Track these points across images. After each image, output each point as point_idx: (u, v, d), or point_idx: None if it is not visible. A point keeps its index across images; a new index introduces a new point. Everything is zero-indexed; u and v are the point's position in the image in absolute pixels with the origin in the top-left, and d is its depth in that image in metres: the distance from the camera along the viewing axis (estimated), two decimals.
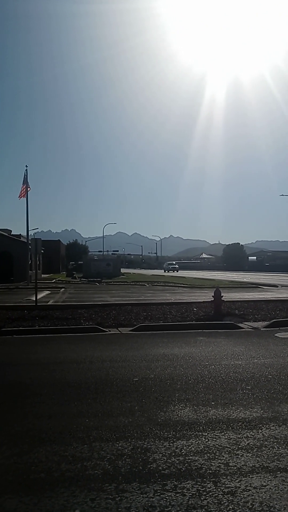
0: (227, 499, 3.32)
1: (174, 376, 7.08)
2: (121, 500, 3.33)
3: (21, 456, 4.16)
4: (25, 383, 6.90)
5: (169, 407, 5.56)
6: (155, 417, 5.18)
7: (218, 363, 8.02)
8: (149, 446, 4.35)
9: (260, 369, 7.52)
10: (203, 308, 16.28)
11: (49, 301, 21.04)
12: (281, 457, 4.06)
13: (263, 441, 4.45)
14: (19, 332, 12.07)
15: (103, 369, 7.68)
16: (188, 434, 4.66)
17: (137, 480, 3.64)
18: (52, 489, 3.52)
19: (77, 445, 4.41)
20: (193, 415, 5.26)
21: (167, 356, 8.65)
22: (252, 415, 5.23)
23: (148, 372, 7.40)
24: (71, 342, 10.66)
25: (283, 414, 5.23)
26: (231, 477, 3.68)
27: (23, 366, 8.21)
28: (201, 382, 6.72)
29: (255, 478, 3.66)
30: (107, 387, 6.49)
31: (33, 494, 3.46)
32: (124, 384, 6.65)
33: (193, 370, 7.50)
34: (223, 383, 6.67)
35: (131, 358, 8.56)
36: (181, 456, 4.11)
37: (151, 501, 3.31)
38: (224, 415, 5.24)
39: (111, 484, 3.59)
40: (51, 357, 8.82)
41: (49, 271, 68.39)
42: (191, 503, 3.27)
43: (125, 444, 4.41)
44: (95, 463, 3.99)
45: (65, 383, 6.78)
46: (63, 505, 3.29)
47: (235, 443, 4.40)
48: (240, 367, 7.65)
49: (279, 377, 6.95)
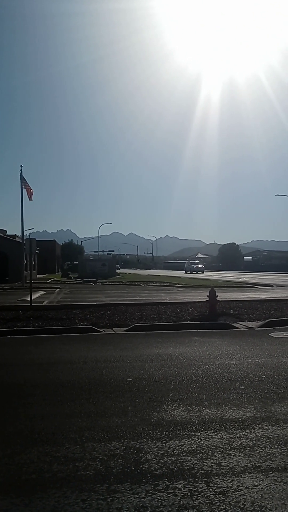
0: (218, 499, 3.32)
1: (168, 376, 7.07)
2: (112, 500, 3.32)
3: (12, 457, 4.14)
4: (18, 383, 6.88)
5: (163, 407, 5.55)
6: (148, 417, 5.17)
7: (212, 363, 8.02)
8: (142, 446, 4.34)
9: (254, 368, 7.52)
10: (198, 308, 16.29)
11: (44, 301, 20.99)
12: (274, 457, 4.06)
13: (255, 440, 4.45)
14: (14, 332, 12.03)
15: (97, 369, 7.66)
16: (181, 434, 4.65)
17: (129, 481, 3.63)
18: (44, 490, 3.51)
19: (69, 446, 4.39)
20: (186, 415, 5.25)
21: (161, 356, 8.65)
22: (245, 414, 5.23)
23: (142, 372, 7.39)
24: (66, 343, 10.63)
25: (276, 414, 5.24)
26: (223, 477, 3.68)
27: (17, 366, 8.18)
28: (195, 382, 6.71)
29: (247, 478, 3.66)
30: (101, 387, 6.48)
31: (24, 495, 3.44)
32: (117, 384, 6.64)
33: (187, 370, 7.50)
34: (217, 383, 6.67)
35: (125, 358, 8.54)
36: (174, 456, 4.10)
37: (142, 501, 3.30)
38: (217, 415, 5.24)
39: (102, 484, 3.58)
40: (45, 358, 8.79)
41: (45, 271, 68.26)
42: (183, 503, 3.26)
43: (117, 445, 4.39)
44: (87, 464, 3.97)
45: (59, 384, 6.76)
46: (54, 506, 3.27)
47: (228, 443, 4.40)
48: (234, 367, 7.65)
49: (273, 377, 6.95)
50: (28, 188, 37.92)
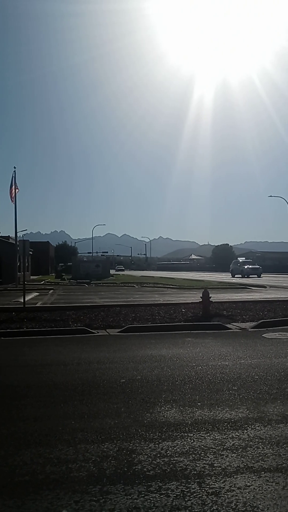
0: (211, 499, 3.33)
1: (161, 377, 7.08)
2: (105, 502, 3.33)
3: (5, 459, 4.14)
4: (11, 385, 6.86)
5: (155, 408, 5.56)
6: (141, 419, 5.18)
7: (205, 364, 8.04)
8: (135, 448, 4.35)
9: (246, 369, 7.55)
10: (191, 309, 16.32)
11: (38, 302, 20.95)
12: (266, 457, 4.08)
13: (248, 441, 4.47)
14: (7, 334, 12.00)
15: (90, 370, 7.66)
16: (174, 435, 4.67)
17: (121, 482, 3.63)
18: (37, 492, 3.51)
19: (62, 447, 4.39)
20: (179, 416, 5.27)
21: (154, 358, 8.66)
22: (237, 415, 5.25)
23: (135, 373, 7.40)
24: (59, 344, 10.62)
25: (269, 415, 5.27)
26: (216, 477, 3.69)
27: (10, 368, 8.16)
28: (188, 383, 6.73)
29: (239, 478, 3.68)
30: (94, 389, 6.48)
31: (17, 496, 3.44)
32: (110, 386, 6.64)
33: (180, 371, 7.52)
34: (210, 384, 6.69)
35: (119, 359, 8.55)
36: (166, 457, 4.12)
37: (135, 502, 3.31)
38: (210, 415, 5.26)
39: (95, 486, 3.58)
40: (39, 359, 8.78)
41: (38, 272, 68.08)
42: (175, 504, 3.28)
43: (110, 446, 4.40)
44: (80, 465, 3.98)
45: (52, 385, 6.76)
46: (47, 507, 3.27)
47: (220, 443, 4.42)
48: (227, 368, 7.68)
49: (265, 378, 6.98)
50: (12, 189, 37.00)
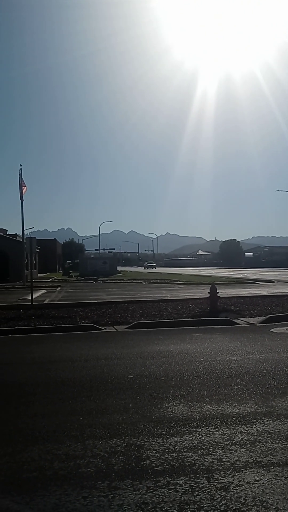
0: (220, 494, 3.31)
1: (169, 373, 7.07)
2: (113, 497, 3.32)
3: (13, 456, 4.14)
4: (19, 382, 6.88)
5: (164, 403, 5.55)
6: (149, 414, 5.17)
7: (213, 359, 8.01)
8: (143, 443, 4.33)
9: (255, 364, 7.51)
10: (199, 305, 16.28)
11: (45, 300, 21.01)
12: (275, 452, 4.05)
13: (257, 436, 4.44)
14: (15, 331, 12.03)
15: (98, 367, 7.66)
16: (182, 430, 4.65)
17: (130, 477, 3.62)
18: (45, 488, 3.51)
19: (70, 443, 4.39)
20: (187, 411, 5.24)
21: (162, 353, 8.64)
22: (246, 410, 5.22)
23: (143, 369, 7.39)
24: (67, 341, 10.63)
25: (277, 409, 5.23)
26: (224, 472, 3.67)
27: (18, 365, 8.18)
28: (196, 378, 6.71)
29: (248, 473, 3.65)
30: (102, 385, 6.48)
31: (25, 493, 3.44)
32: (118, 382, 6.63)
33: (188, 366, 7.49)
34: (218, 379, 6.67)
35: (126, 355, 8.54)
36: (175, 452, 4.10)
37: (143, 498, 3.29)
38: (218, 410, 5.23)
39: (104, 481, 3.57)
40: (46, 356, 8.79)
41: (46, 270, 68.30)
42: (184, 499, 3.26)
43: (118, 442, 4.39)
44: (88, 461, 3.97)
45: (60, 382, 6.76)
46: (55, 503, 3.27)
47: (229, 438, 4.39)
48: (235, 363, 7.64)
49: (274, 372, 6.94)
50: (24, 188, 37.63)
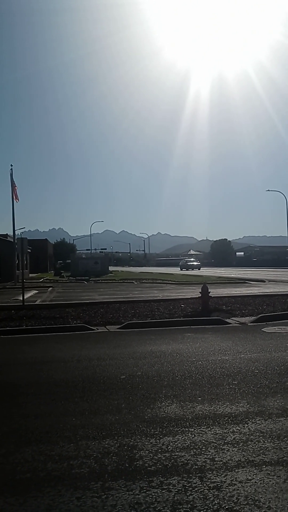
0: (212, 494, 3.34)
1: (161, 373, 7.09)
2: (107, 498, 3.33)
3: (6, 457, 4.14)
4: (12, 383, 6.86)
5: (156, 403, 5.57)
6: (142, 414, 5.19)
7: (205, 358, 8.05)
8: (136, 443, 4.35)
9: (246, 364, 7.56)
10: (190, 305, 16.33)
11: (37, 300, 20.94)
12: (267, 451, 4.09)
13: (249, 435, 4.48)
14: (6, 332, 11.99)
15: (90, 367, 7.66)
16: (175, 430, 4.67)
17: (123, 478, 3.64)
18: (38, 489, 3.51)
19: (63, 444, 4.39)
20: (179, 411, 5.27)
21: (154, 353, 8.67)
22: (238, 409, 5.26)
23: (135, 369, 7.40)
24: (59, 341, 10.62)
25: (269, 408, 5.27)
26: (217, 472, 3.70)
27: (10, 366, 8.16)
28: (188, 378, 6.74)
29: (240, 472, 3.69)
30: (94, 386, 6.48)
31: (18, 494, 3.44)
32: (111, 382, 6.64)
33: (180, 366, 7.52)
34: (210, 378, 6.70)
35: (119, 356, 8.55)
36: (168, 452, 4.12)
37: (137, 498, 3.31)
38: (210, 410, 5.27)
39: (97, 482, 3.58)
40: (38, 357, 8.77)
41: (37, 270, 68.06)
42: (177, 499, 3.28)
43: (111, 442, 4.40)
44: (81, 462, 3.98)
45: (52, 382, 6.76)
46: (49, 504, 3.28)
47: (221, 438, 4.42)
48: (227, 362, 7.69)
49: (265, 372, 6.99)
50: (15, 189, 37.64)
